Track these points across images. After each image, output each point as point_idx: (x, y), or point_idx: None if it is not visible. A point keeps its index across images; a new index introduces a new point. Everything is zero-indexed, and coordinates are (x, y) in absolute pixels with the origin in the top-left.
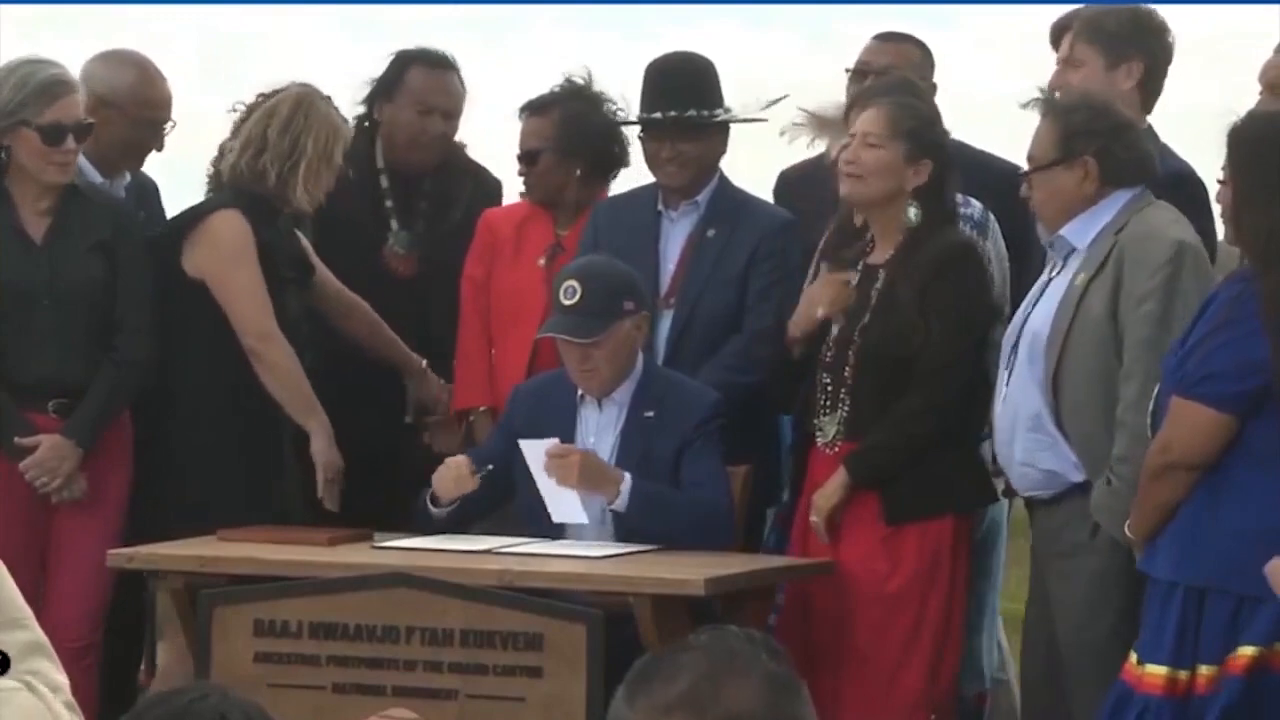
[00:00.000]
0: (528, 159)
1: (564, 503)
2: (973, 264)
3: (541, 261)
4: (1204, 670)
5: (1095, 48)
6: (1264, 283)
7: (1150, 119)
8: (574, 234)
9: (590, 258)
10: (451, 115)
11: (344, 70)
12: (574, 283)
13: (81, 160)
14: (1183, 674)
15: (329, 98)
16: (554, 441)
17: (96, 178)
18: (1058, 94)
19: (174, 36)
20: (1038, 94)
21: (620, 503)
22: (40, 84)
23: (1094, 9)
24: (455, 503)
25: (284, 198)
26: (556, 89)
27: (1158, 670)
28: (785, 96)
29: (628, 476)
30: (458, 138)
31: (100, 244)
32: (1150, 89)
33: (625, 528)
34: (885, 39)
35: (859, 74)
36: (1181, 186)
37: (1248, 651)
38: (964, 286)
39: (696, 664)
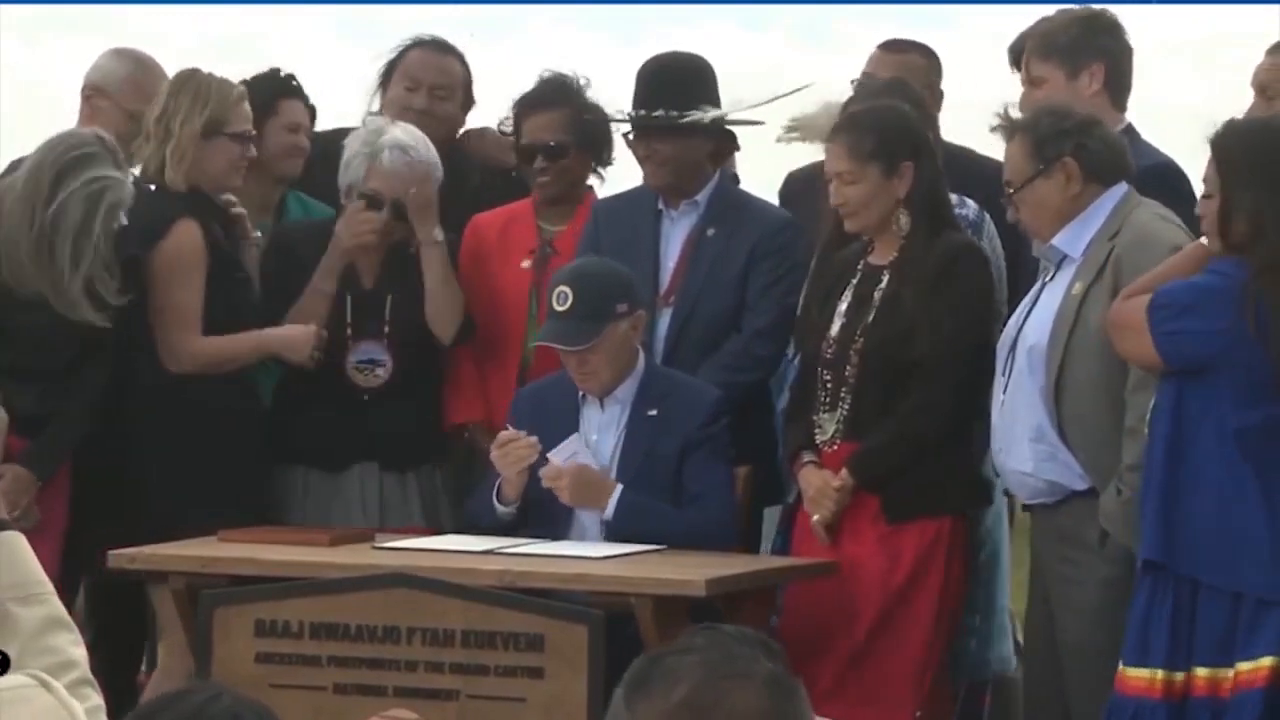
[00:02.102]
0: (553, 152)
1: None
2: (977, 265)
3: (526, 264)
4: (1201, 672)
5: (1052, 62)
6: (1263, 285)
7: (1141, 117)
8: (569, 232)
9: (582, 261)
10: (444, 96)
11: (342, 70)
12: (565, 288)
13: None
14: (1178, 676)
15: (212, 74)
16: (572, 443)
17: None
18: (1013, 114)
19: (174, 36)
20: (997, 120)
21: (608, 512)
22: None
23: (1044, 25)
24: (519, 500)
25: (161, 180)
26: (562, 84)
27: (1149, 673)
28: (803, 87)
29: (619, 488)
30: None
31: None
32: (1117, 87)
33: (617, 537)
34: (889, 48)
35: (864, 85)
36: (1164, 179)
37: (1267, 662)
38: (969, 287)
39: (695, 668)
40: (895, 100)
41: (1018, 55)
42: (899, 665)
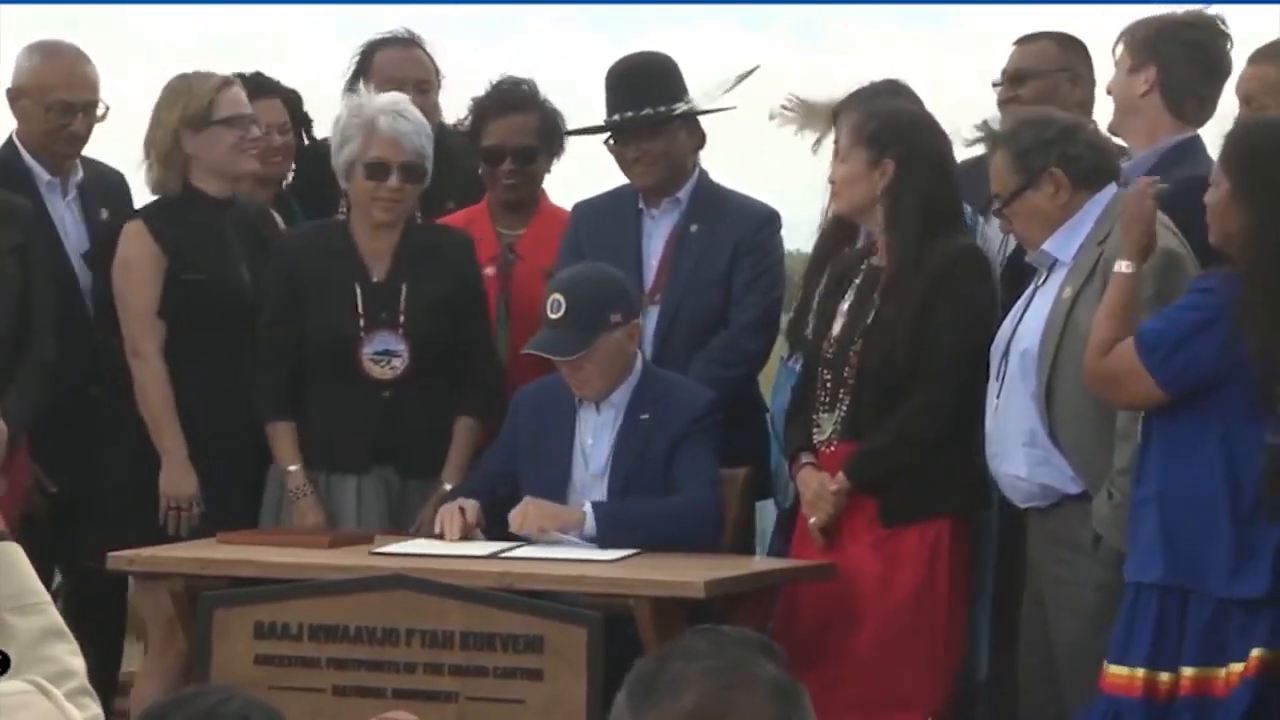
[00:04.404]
0: (523, 156)
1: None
2: (979, 268)
3: (490, 270)
4: (1188, 672)
5: (1126, 52)
6: (1248, 284)
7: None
8: (529, 235)
9: (578, 268)
10: (424, 88)
11: (342, 71)
12: (559, 296)
13: (29, 159)
14: (1163, 676)
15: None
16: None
17: (45, 176)
18: (993, 125)
19: (172, 37)
20: (976, 131)
21: (589, 530)
22: None
23: (1150, 15)
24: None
25: (160, 189)
26: (528, 88)
27: (1129, 671)
28: (753, 70)
29: (586, 505)
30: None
31: (16, 248)
32: (1174, 96)
33: (606, 546)
34: (1020, 41)
35: (1011, 81)
36: (1199, 190)
37: (1256, 654)
38: (970, 289)
39: (701, 677)
40: (904, 101)
41: None
42: (909, 671)
